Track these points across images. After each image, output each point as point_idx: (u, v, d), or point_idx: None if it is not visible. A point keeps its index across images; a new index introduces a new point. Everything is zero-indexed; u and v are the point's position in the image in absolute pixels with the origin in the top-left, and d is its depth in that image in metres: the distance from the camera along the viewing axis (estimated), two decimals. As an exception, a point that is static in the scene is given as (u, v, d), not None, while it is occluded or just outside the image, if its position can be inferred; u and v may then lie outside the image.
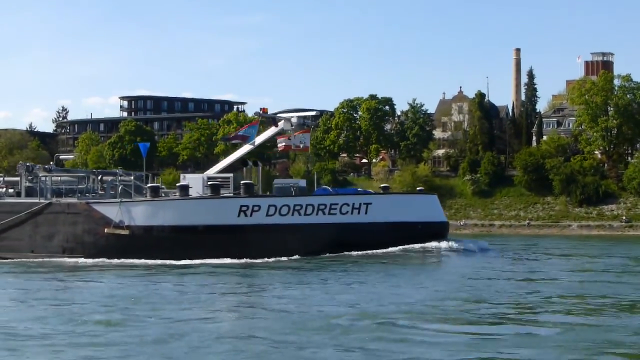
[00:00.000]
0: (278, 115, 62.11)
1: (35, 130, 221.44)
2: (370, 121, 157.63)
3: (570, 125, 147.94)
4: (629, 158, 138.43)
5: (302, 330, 26.24)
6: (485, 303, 32.84)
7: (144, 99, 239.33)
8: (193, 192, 54.24)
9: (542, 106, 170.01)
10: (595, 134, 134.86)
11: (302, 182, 58.66)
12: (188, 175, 57.82)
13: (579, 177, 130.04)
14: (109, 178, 59.26)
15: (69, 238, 54.70)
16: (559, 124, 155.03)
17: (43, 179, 57.30)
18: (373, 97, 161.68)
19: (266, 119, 64.31)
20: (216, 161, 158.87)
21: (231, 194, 54.22)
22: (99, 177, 59.73)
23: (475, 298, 34.32)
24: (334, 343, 24.40)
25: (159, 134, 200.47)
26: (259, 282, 42.01)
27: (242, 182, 54.44)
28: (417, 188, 79.77)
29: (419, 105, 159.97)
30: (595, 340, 24.61)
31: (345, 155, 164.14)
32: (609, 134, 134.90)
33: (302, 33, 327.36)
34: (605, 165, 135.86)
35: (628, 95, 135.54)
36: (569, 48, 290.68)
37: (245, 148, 59.85)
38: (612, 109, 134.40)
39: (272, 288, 39.07)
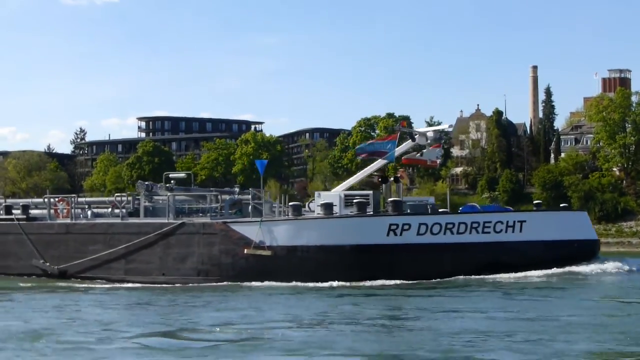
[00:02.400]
0: (414, 130, 59.03)
1: (54, 151, 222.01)
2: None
3: (588, 142, 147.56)
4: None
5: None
6: None
7: (162, 119, 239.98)
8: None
9: (559, 123, 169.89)
10: (613, 150, 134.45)
11: (432, 200, 56.61)
12: (324, 193, 55.10)
13: (598, 194, 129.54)
14: (227, 197, 57.06)
15: (205, 260, 51.65)
16: (576, 141, 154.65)
17: (171, 198, 54.21)
18: (390, 115, 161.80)
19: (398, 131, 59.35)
20: (233, 181, 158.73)
21: (379, 212, 51.71)
22: (218, 196, 57.20)
23: None
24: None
25: (177, 155, 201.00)
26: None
27: (390, 199, 51.94)
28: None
29: (436, 124, 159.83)
30: None
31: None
32: (627, 150, 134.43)
33: (319, 53, 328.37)
34: (624, 182, 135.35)
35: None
36: (586, 65, 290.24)
37: (378, 163, 57.02)
38: (629, 125, 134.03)
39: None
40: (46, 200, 58.53)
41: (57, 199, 58.38)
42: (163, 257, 52.68)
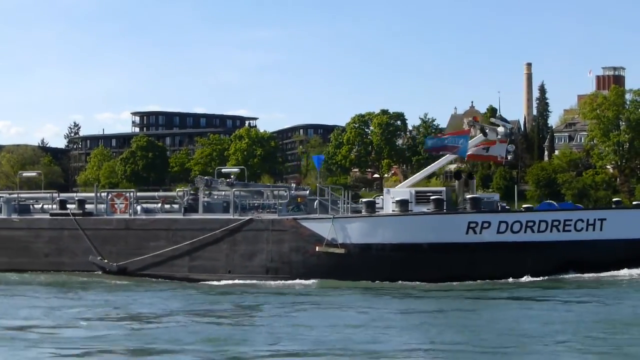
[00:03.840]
0: (485, 125, 56.91)
1: (47, 145, 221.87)
2: (381, 136, 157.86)
3: (582, 140, 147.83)
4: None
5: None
6: None
7: (156, 114, 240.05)
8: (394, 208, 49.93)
9: (553, 121, 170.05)
10: (607, 148, 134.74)
11: (497, 197, 55.03)
12: (393, 189, 52.44)
13: (591, 191, 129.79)
14: (282, 192, 54.91)
15: (274, 257, 49.91)
16: (570, 138, 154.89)
17: (236, 193, 52.31)
18: (385, 112, 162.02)
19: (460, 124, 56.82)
20: (227, 177, 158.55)
21: (458, 209, 49.88)
22: (271, 191, 55.58)
23: None
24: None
25: (171, 150, 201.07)
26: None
27: (468, 196, 49.88)
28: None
29: (430, 120, 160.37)
30: None
31: (357, 170, 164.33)
32: (620, 148, 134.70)
33: (313, 49, 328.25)
34: (617, 179, 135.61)
35: (639, 110, 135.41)
36: (581, 62, 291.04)
37: (446, 159, 54.79)
38: (623, 123, 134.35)
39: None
40: (102, 194, 56.38)
41: (113, 194, 57.05)
42: (229, 254, 50.90)
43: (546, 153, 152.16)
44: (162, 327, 31.82)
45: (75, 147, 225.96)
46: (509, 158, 55.74)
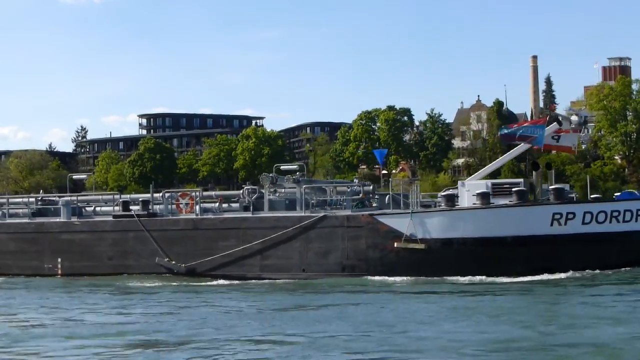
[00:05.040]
0: (559, 114, 55.49)
1: (55, 150, 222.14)
2: (388, 132, 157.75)
3: (590, 131, 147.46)
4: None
5: None
6: None
7: (163, 116, 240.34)
8: (471, 201, 48.91)
9: (560, 112, 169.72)
10: (614, 139, 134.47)
11: (567, 187, 53.81)
12: (468, 182, 51.25)
13: (600, 182, 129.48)
14: (344, 188, 54.38)
15: (350, 254, 49.20)
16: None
17: (304, 190, 51.57)
18: (391, 108, 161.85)
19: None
20: (235, 177, 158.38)
21: (541, 201, 48.77)
22: (334, 187, 54.87)
23: None
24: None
25: (179, 151, 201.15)
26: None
27: (551, 187, 49.15)
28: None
29: (437, 115, 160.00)
30: None
31: (364, 166, 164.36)
32: (628, 138, 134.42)
33: (319, 46, 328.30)
34: (626, 170, 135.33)
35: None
36: (586, 54, 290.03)
37: (520, 149, 53.78)
38: (630, 113, 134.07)
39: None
40: (166, 195, 55.39)
41: (178, 194, 55.51)
42: (303, 252, 50.27)
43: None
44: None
45: (82, 150, 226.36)
46: (572, 147, 54.68)
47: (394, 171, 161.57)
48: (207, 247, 52.00)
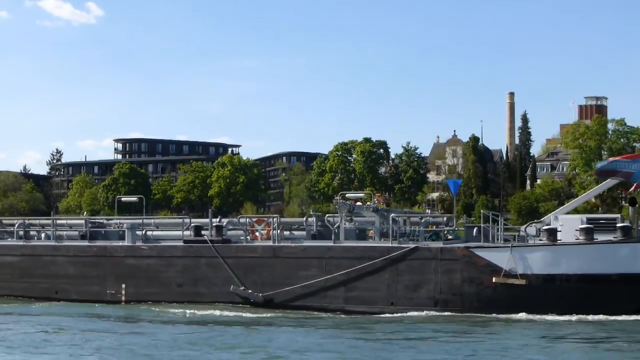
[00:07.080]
0: None
1: (30, 172, 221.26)
2: (364, 164, 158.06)
3: (564, 169, 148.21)
4: (623, 202, 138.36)
5: None
6: None
7: (138, 141, 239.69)
8: (568, 236, 47.41)
9: (536, 150, 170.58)
10: (589, 177, 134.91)
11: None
12: (562, 216, 49.71)
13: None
14: (399, 218, 51.95)
15: (443, 288, 46.75)
16: (553, 167, 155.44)
17: (399, 220, 49.90)
18: (367, 140, 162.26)
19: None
20: (209, 204, 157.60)
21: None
22: (408, 218, 53.07)
23: None
24: None
25: (153, 177, 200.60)
26: None
27: None
28: None
29: (413, 149, 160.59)
30: None
31: (339, 198, 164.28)
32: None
33: (296, 76, 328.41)
34: (599, 209, 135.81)
35: (622, 140, 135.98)
36: (563, 92, 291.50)
37: (607, 184, 52.43)
38: (606, 153, 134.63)
39: None
40: (241, 220, 53.07)
41: (254, 219, 52.70)
42: (391, 284, 47.60)
43: (528, 182, 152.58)
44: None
45: (57, 173, 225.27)
46: None
47: (368, 203, 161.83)
48: (287, 276, 49.33)
